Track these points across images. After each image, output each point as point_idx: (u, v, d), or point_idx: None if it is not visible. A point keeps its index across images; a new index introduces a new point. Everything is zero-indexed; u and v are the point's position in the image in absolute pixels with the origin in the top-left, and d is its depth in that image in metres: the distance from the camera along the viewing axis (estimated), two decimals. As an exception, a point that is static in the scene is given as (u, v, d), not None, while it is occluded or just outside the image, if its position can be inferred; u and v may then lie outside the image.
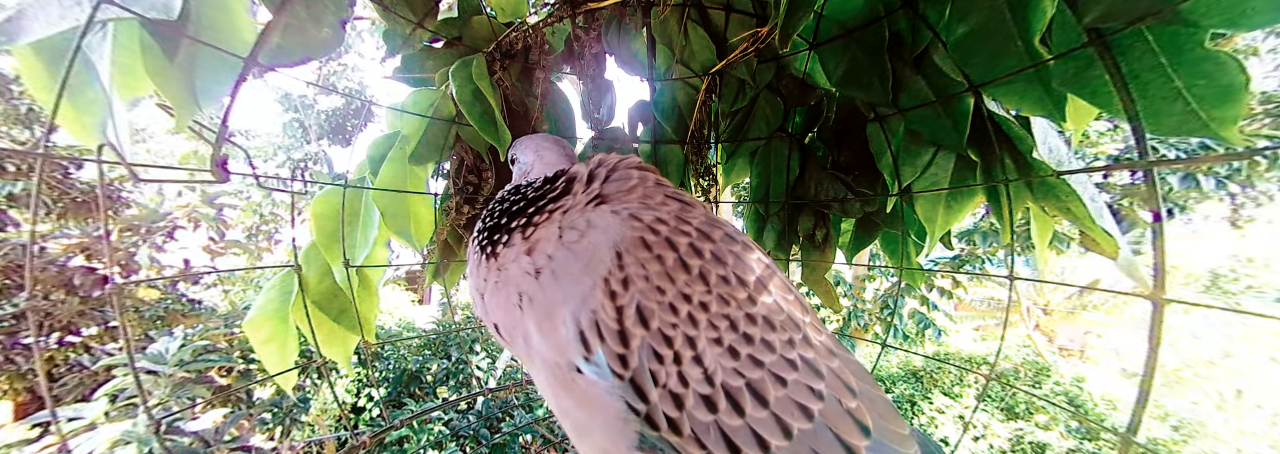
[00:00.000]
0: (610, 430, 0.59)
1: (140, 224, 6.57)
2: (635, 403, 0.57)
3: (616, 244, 0.62)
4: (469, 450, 4.15)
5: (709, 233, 0.66)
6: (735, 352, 0.58)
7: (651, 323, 0.58)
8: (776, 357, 0.60)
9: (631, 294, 0.59)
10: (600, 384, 0.59)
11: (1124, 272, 0.91)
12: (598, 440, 0.61)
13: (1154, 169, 0.65)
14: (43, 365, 0.73)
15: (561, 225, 0.67)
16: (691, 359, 0.57)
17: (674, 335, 0.57)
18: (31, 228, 0.71)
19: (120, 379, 3.43)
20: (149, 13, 0.62)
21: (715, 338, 0.58)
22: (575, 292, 0.61)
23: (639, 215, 0.65)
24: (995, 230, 5.88)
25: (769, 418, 0.57)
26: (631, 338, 0.57)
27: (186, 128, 0.71)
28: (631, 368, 0.57)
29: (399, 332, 7.05)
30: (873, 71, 1.04)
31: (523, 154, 0.94)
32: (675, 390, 0.56)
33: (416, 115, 1.16)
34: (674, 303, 0.58)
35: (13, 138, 5.91)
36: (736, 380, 0.57)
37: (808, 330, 0.64)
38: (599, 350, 0.58)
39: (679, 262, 0.61)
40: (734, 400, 0.57)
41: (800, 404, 0.58)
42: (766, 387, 0.58)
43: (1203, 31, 0.59)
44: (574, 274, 0.62)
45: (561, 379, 0.62)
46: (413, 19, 1.11)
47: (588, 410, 0.61)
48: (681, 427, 0.56)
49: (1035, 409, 6.23)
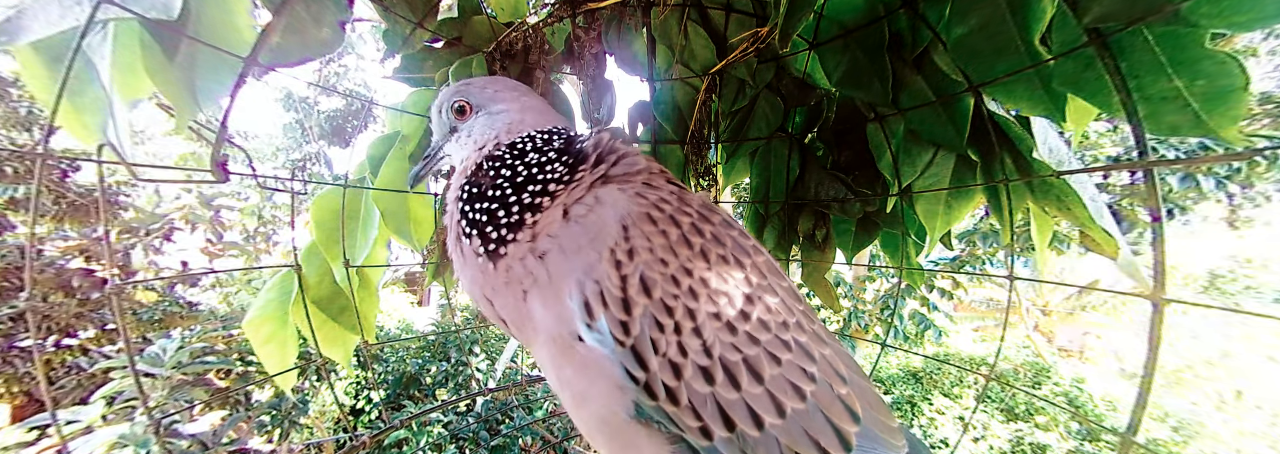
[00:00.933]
0: (608, 398, 0.60)
1: (138, 226, 6.56)
2: (635, 370, 0.58)
3: (623, 218, 0.63)
4: (468, 452, 4.14)
5: (708, 216, 0.67)
6: (733, 327, 0.59)
7: (654, 292, 0.59)
8: (772, 336, 0.61)
9: (636, 264, 0.59)
10: (601, 351, 0.60)
11: (1124, 272, 0.91)
12: (595, 408, 0.62)
13: (1154, 169, 0.65)
14: (42, 368, 0.73)
15: (566, 204, 0.67)
16: (691, 330, 0.58)
17: (675, 306, 0.58)
18: (30, 230, 0.71)
19: (118, 381, 3.42)
20: (149, 13, 0.62)
21: (714, 312, 0.59)
22: (581, 262, 0.62)
23: (645, 194, 0.66)
24: (995, 231, 5.89)
25: (764, 394, 0.58)
26: (634, 306, 0.58)
27: (186, 128, 0.71)
28: (633, 335, 0.58)
29: (398, 333, 7.04)
30: (873, 71, 1.04)
31: (497, 103, 0.82)
32: (674, 360, 0.57)
33: (416, 115, 1.16)
34: (676, 275, 0.59)
35: (12, 140, 5.91)
36: (733, 355, 0.58)
37: (800, 318, 0.66)
38: (602, 317, 0.59)
39: (682, 237, 0.62)
40: (731, 374, 0.58)
41: (794, 384, 0.59)
42: (762, 364, 0.59)
43: (1203, 31, 0.59)
44: (580, 247, 0.62)
45: (563, 349, 0.62)
46: (413, 19, 1.11)
47: (588, 378, 0.61)
48: (679, 396, 0.57)
49: (1035, 410, 6.22)
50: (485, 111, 0.81)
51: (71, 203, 5.91)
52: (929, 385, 6.83)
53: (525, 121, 0.80)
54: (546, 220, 0.67)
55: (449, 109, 0.83)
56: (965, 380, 6.84)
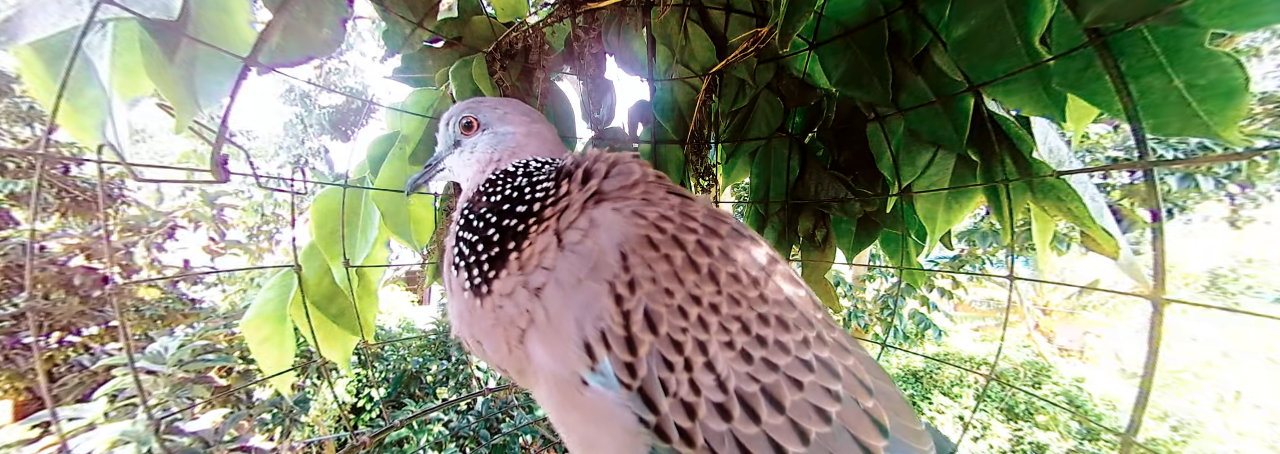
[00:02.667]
0: (619, 444, 0.57)
1: (140, 224, 6.56)
2: (645, 414, 0.54)
3: (621, 244, 0.58)
4: (469, 451, 4.15)
5: (716, 228, 0.63)
6: (748, 355, 0.55)
7: (660, 328, 0.55)
8: (791, 358, 0.57)
9: (638, 297, 0.55)
10: (608, 395, 0.55)
11: (1124, 272, 0.91)
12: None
13: (1153, 169, 0.65)
14: (42, 365, 0.73)
15: (558, 230, 0.63)
16: (703, 365, 0.54)
17: (684, 340, 0.54)
18: (32, 227, 0.71)
19: (119, 379, 3.43)
20: (149, 13, 0.62)
21: (727, 341, 0.55)
22: (579, 298, 0.57)
23: (643, 212, 0.61)
24: (995, 231, 5.88)
25: (785, 424, 0.54)
26: (639, 344, 0.54)
27: (187, 128, 0.71)
28: (640, 377, 0.54)
29: (399, 332, 7.04)
30: (873, 71, 1.04)
31: (505, 124, 0.80)
32: (687, 399, 0.54)
33: (416, 115, 1.16)
34: (683, 305, 0.55)
35: (14, 135, 5.91)
36: (751, 386, 0.54)
37: (821, 328, 0.61)
38: (605, 359, 0.55)
39: (687, 261, 0.58)
40: (749, 407, 0.54)
41: (817, 407, 0.55)
42: (782, 391, 0.55)
43: (1203, 31, 0.59)
44: (579, 280, 0.58)
45: (567, 393, 0.59)
46: (413, 19, 1.11)
47: (595, 424, 0.58)
48: (694, 437, 0.53)
49: (1035, 409, 6.23)
50: (491, 130, 0.80)
51: (74, 198, 5.91)
52: (929, 385, 6.84)
53: (527, 147, 0.79)
54: (538, 249, 0.62)
55: (457, 122, 0.82)
56: (965, 380, 6.85)
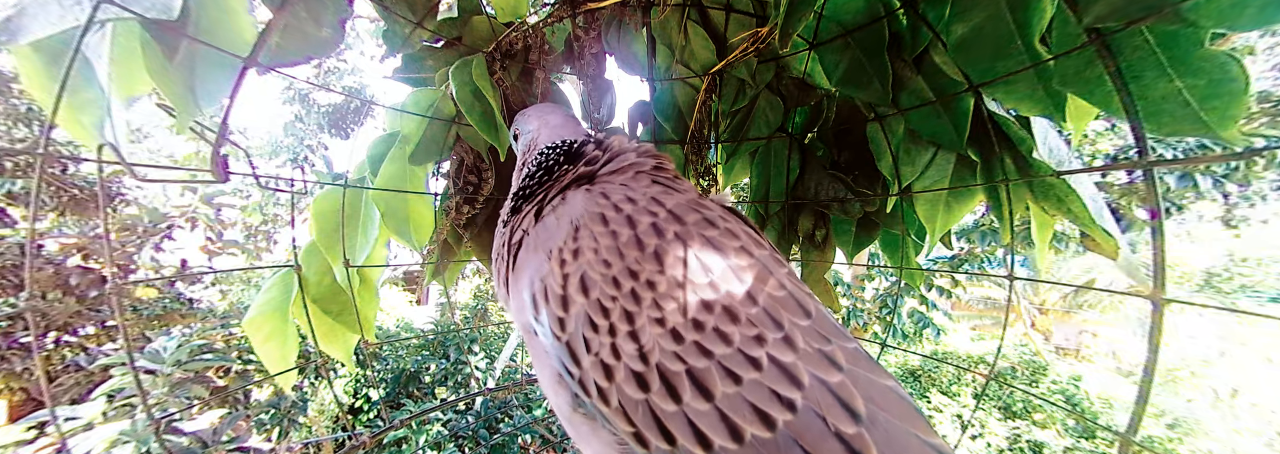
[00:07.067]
0: (552, 384, 0.64)
1: (138, 224, 6.54)
2: (569, 366, 0.59)
3: (575, 219, 0.66)
4: (468, 451, 4.15)
5: (681, 216, 0.64)
6: (679, 336, 0.55)
7: (592, 292, 0.59)
8: (732, 350, 0.54)
9: (578, 264, 0.62)
10: (545, 344, 0.63)
11: (1124, 271, 0.91)
12: (551, 396, 0.66)
13: (1153, 169, 0.66)
14: (41, 365, 0.73)
15: (541, 202, 0.74)
16: (627, 334, 0.56)
17: (611, 307, 0.58)
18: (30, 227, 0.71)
19: (118, 379, 3.42)
20: (149, 13, 0.62)
21: (658, 318, 0.56)
22: (535, 259, 0.67)
23: (608, 193, 0.68)
24: (994, 230, 5.90)
25: (712, 413, 0.52)
26: (571, 304, 0.60)
27: (187, 128, 0.71)
28: (568, 332, 0.60)
29: (397, 332, 7.04)
30: (873, 71, 1.04)
31: (526, 123, 0.93)
32: (606, 361, 0.56)
33: (416, 115, 1.16)
34: (618, 277, 0.59)
35: (12, 136, 5.89)
36: (676, 365, 0.54)
37: (795, 333, 0.56)
38: (543, 311, 0.62)
39: (634, 239, 0.62)
40: (670, 384, 0.54)
41: (757, 408, 0.52)
42: (712, 378, 0.53)
43: (1202, 31, 0.59)
44: (539, 245, 0.68)
45: (527, 336, 0.69)
46: (413, 19, 1.11)
47: (539, 367, 0.67)
48: (609, 397, 0.56)
49: (1033, 408, 6.25)
50: (522, 135, 0.93)
51: (72, 196, 5.89)
52: (927, 383, 6.86)
53: (540, 139, 0.88)
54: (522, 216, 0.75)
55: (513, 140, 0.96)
56: (963, 379, 6.87)
